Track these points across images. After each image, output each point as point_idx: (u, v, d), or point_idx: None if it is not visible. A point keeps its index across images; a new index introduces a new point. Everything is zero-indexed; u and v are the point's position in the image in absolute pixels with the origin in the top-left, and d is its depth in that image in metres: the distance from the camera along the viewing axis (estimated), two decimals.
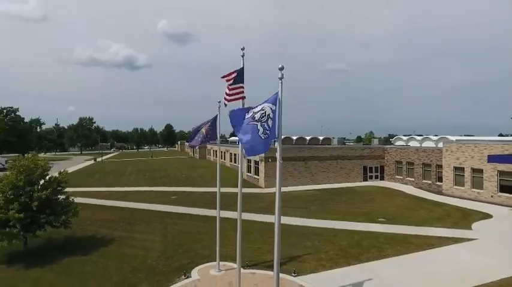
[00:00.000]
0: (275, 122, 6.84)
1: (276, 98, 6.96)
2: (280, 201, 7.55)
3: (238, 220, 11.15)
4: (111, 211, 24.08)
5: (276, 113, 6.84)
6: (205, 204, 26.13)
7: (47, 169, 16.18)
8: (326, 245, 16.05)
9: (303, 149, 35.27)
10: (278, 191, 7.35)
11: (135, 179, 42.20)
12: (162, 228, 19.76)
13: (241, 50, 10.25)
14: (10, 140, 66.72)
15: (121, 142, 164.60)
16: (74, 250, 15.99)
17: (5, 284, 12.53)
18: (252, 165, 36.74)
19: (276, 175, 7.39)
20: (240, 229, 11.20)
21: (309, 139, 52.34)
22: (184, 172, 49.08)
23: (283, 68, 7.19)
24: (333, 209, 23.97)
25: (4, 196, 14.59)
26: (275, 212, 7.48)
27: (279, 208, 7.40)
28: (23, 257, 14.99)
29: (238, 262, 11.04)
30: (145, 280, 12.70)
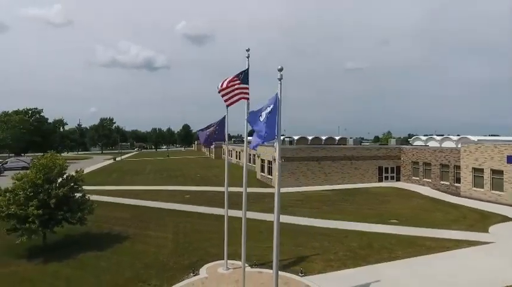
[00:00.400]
0: (273, 122, 6.93)
1: (275, 99, 7.06)
2: (279, 201, 7.65)
3: (243, 219, 11.29)
4: (127, 209, 24.77)
5: (273, 113, 6.93)
6: (217, 203, 26.42)
7: (64, 167, 16.83)
8: (335, 246, 15.96)
9: (316, 149, 35.09)
10: (277, 191, 7.45)
11: (152, 178, 43.12)
12: (175, 226, 20.17)
13: (247, 52, 10.39)
14: (35, 140, 69.57)
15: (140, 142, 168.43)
16: (89, 246, 16.57)
17: (25, 278, 13.13)
18: (266, 165, 36.84)
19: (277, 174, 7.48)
20: (244, 228, 11.34)
21: (325, 139, 52.00)
22: (199, 171, 49.75)
23: (282, 69, 7.29)
24: (345, 209, 23.76)
25: (24, 193, 15.28)
26: (274, 212, 7.57)
27: (278, 208, 7.49)
28: (42, 252, 15.66)
29: (243, 261, 11.19)
30: (156, 276, 13.04)
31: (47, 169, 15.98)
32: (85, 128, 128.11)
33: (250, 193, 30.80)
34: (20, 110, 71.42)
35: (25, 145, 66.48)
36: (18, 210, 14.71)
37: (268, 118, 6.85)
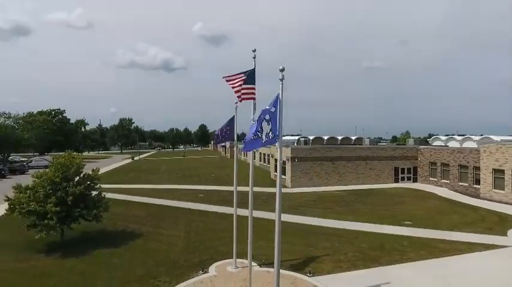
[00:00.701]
0: (274, 123, 7.00)
1: (276, 100, 7.13)
2: (281, 200, 7.70)
3: (249, 218, 11.39)
4: (142, 207, 25.36)
5: (275, 115, 7.00)
6: (230, 203, 26.50)
7: (81, 166, 17.46)
8: (346, 247, 15.84)
9: (330, 149, 34.79)
10: (278, 190, 7.51)
11: (167, 177, 43.88)
12: (187, 225, 20.51)
13: (253, 52, 10.49)
14: (58, 140, 72.23)
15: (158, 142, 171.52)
16: (104, 242, 17.10)
17: (44, 272, 13.70)
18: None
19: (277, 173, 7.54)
20: (250, 227, 11.43)
21: (341, 139, 51.39)
22: (213, 171, 50.26)
23: (284, 69, 7.35)
24: (358, 210, 23.49)
25: (44, 190, 15.95)
26: (275, 210, 7.64)
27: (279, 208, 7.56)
28: (60, 248, 16.28)
29: (249, 260, 11.30)
30: (166, 273, 13.34)
31: (64, 167, 16.62)
32: (105, 128, 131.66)
33: (263, 192, 30.91)
34: (44, 111, 74.44)
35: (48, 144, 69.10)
36: (38, 207, 15.37)
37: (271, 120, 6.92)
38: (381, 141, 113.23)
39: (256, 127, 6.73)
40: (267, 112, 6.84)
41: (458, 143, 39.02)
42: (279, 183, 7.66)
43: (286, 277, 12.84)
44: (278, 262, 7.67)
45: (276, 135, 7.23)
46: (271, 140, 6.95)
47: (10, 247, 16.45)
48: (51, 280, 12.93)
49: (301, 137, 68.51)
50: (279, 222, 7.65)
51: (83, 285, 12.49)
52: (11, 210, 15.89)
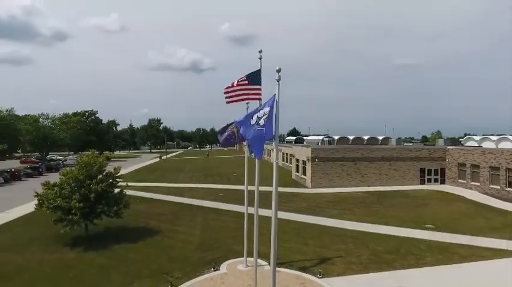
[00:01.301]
0: (270, 123, 7.07)
1: (273, 100, 7.20)
2: (277, 199, 7.76)
3: (255, 217, 11.48)
4: (163, 205, 26.17)
5: (271, 115, 7.07)
6: (248, 202, 26.89)
7: (103, 165, 18.33)
8: (360, 249, 15.55)
9: (352, 149, 34.08)
10: (275, 189, 7.58)
11: (191, 176, 44.88)
12: (204, 223, 20.96)
13: (259, 53, 10.59)
14: (91, 139, 75.88)
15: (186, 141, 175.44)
16: (125, 238, 17.85)
17: (66, 264, 14.56)
18: (300, 165, 36.59)
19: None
20: (256, 225, 11.52)
21: (367, 139, 50.20)
22: (235, 170, 50.79)
23: (280, 70, 7.40)
24: (378, 212, 22.91)
25: (70, 187, 16.94)
26: (272, 209, 7.71)
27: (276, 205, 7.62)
28: (84, 242, 17.20)
29: (255, 258, 11.41)
30: (179, 269, 13.73)
31: (88, 166, 17.54)
32: (136, 128, 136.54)
33: (282, 192, 30.88)
34: (78, 112, 78.49)
35: (82, 143, 72.82)
36: (63, 202, 16.34)
37: (266, 120, 7.00)
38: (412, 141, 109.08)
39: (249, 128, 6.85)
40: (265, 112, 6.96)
41: (493, 144, 36.88)
42: (275, 183, 7.73)
43: (296, 277, 12.84)
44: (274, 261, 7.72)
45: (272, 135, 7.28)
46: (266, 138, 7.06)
47: (40, 240, 17.58)
48: (72, 271, 13.72)
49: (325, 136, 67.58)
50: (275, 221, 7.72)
51: (100, 277, 13.14)
52: (40, 205, 17.02)
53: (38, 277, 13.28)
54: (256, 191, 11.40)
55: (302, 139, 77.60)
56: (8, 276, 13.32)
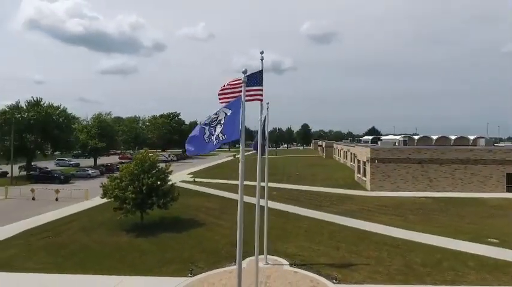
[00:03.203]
0: (232, 125, 7.29)
1: (236, 103, 7.43)
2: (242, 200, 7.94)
3: (256, 215, 11.67)
4: (216, 200, 27.82)
5: (233, 117, 7.30)
6: (297, 202, 26.80)
7: (155, 161, 20.53)
8: (393, 259, 14.36)
9: (418, 150, 30.85)
10: (240, 189, 7.79)
11: (253, 174, 46.19)
12: (246, 219, 21.52)
13: (260, 54, 10.76)
14: (174, 138, 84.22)
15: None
16: (172, 228, 19.69)
17: (118, 246, 16.83)
18: (361, 166, 34.67)
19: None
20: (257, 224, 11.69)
21: (454, 139, 44.83)
22: (300, 170, 50.48)
23: (246, 71, 7.57)
24: (436, 221, 20.53)
25: (126, 180, 19.49)
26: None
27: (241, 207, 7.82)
28: (138, 229, 19.54)
29: (256, 257, 11.61)
30: (205, 260, 14.71)
31: (142, 162, 19.89)
32: None
33: (336, 193, 29.89)
34: (164, 114, 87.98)
35: (167, 142, 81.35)
36: (120, 193, 18.91)
37: (227, 120, 7.24)
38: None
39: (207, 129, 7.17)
40: (224, 116, 7.21)
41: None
42: (241, 184, 7.92)
43: (310, 279, 12.62)
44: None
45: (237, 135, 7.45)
46: (221, 141, 7.27)
47: (107, 225, 20.57)
48: (119, 252, 15.85)
49: (403, 136, 62.12)
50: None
51: (139, 259, 14.91)
52: (104, 194, 19.98)
53: (92, 254, 15.72)
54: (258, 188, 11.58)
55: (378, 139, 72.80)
56: (73, 252, 16.09)
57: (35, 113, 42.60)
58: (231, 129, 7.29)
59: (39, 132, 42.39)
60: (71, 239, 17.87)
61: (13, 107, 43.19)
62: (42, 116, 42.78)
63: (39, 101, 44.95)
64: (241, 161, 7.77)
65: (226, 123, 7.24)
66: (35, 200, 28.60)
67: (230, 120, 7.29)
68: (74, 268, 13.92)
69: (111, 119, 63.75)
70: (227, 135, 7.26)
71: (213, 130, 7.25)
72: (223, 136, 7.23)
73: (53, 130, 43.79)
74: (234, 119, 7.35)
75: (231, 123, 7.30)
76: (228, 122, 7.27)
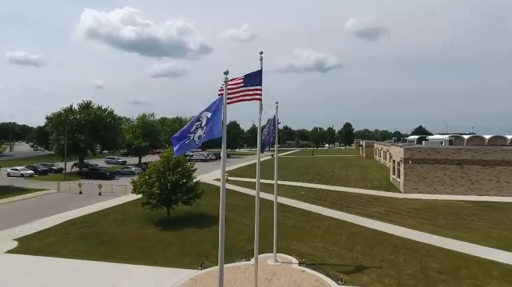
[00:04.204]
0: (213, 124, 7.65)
1: (215, 104, 7.77)
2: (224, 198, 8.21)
3: (255, 216, 11.87)
4: (243, 198, 28.38)
5: (214, 117, 7.65)
6: (324, 202, 26.45)
7: (180, 160, 21.59)
8: (409, 264, 13.75)
9: (457, 150, 28.66)
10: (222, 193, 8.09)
11: (288, 174, 46.08)
12: (267, 217, 21.80)
13: (260, 54, 10.99)
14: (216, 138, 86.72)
15: (305, 140, 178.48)
16: (195, 223, 20.58)
17: (143, 238, 18.02)
18: (396, 166, 33.09)
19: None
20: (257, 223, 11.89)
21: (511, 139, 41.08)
22: (335, 170, 49.37)
23: (228, 72, 7.88)
24: (468, 226, 19.12)
25: (153, 177, 20.76)
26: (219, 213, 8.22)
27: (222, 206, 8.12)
28: (164, 223, 20.69)
29: (256, 256, 11.82)
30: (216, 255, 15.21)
31: (167, 160, 21.05)
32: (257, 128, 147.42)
33: (366, 195, 28.94)
34: None
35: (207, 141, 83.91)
36: (147, 189, 20.22)
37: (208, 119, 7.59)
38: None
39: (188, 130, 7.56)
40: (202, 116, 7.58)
41: None
42: (223, 181, 8.23)
43: (315, 279, 12.59)
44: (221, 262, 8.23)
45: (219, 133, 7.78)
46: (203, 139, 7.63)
47: (137, 218, 22.04)
48: (143, 243, 17.00)
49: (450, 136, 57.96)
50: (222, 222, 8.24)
51: (159, 251, 15.89)
52: (134, 190, 21.46)
53: (119, 244, 17.03)
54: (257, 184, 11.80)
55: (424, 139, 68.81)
56: (103, 241, 17.53)
57: (85, 115, 46.62)
58: (211, 128, 7.66)
59: (89, 132, 46.31)
60: (103, 230, 19.47)
61: (67, 110, 47.65)
62: (91, 118, 46.69)
63: (89, 104, 49.09)
64: (222, 159, 8.10)
65: (207, 124, 7.62)
66: (81, 194, 31.40)
67: (210, 119, 7.66)
68: (101, 256, 15.23)
69: (154, 119, 67.50)
70: (207, 133, 7.64)
71: (195, 135, 7.63)
72: (203, 134, 7.62)
73: (101, 130, 47.58)
74: (214, 119, 7.71)
75: (211, 123, 7.66)
76: (208, 121, 7.64)
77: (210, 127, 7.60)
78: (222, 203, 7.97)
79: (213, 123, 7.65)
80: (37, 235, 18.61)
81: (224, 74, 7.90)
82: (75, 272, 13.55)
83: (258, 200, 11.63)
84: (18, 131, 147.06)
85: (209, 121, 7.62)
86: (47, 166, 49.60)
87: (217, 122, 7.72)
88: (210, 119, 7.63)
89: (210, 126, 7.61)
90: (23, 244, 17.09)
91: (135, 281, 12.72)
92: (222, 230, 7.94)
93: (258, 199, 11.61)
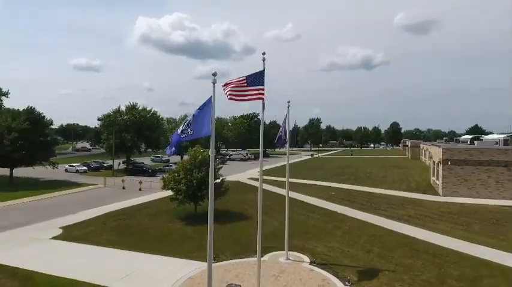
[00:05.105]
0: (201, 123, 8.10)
1: (206, 103, 8.22)
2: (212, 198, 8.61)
3: (258, 216, 12.10)
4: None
5: (202, 115, 8.11)
6: (352, 203, 25.82)
7: (206, 158, 22.48)
8: (426, 269, 13.12)
9: (505, 151, 26.14)
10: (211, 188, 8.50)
11: (323, 174, 45.37)
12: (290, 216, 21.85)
13: (262, 55, 11.22)
14: (254, 138, 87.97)
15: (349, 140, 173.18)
16: (220, 219, 21.11)
17: (169, 231, 19.13)
18: (435, 168, 31.08)
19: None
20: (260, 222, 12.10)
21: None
22: (373, 171, 47.51)
23: (216, 74, 8.28)
24: (505, 234, 17.61)
25: (182, 173, 21.88)
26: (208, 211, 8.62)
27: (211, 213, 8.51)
28: (190, 218, 21.69)
29: (258, 252, 12.06)
30: (232, 250, 15.77)
31: (193, 158, 22.08)
32: (298, 128, 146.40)
33: (400, 197, 27.65)
34: (244, 115, 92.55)
35: (246, 141, 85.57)
36: (174, 185, 21.40)
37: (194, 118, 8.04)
38: None
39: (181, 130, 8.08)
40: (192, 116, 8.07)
41: None
42: (212, 182, 8.62)
43: (322, 278, 12.57)
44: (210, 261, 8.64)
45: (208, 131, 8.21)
46: (190, 135, 8.09)
47: (168, 213, 23.33)
48: (167, 237, 18.05)
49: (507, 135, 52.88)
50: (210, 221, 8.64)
51: (179, 244, 16.82)
52: (164, 186, 22.81)
53: (147, 235, 18.27)
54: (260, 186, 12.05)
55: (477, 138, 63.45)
56: (133, 232, 18.90)
57: (131, 116, 50.09)
58: (199, 126, 8.13)
59: (134, 132, 49.67)
60: (136, 223, 20.99)
61: (115, 111, 51.57)
62: (136, 119, 50.04)
63: (134, 105, 52.64)
64: (211, 157, 8.52)
65: (193, 120, 8.10)
66: (124, 189, 33.93)
67: (198, 117, 8.13)
68: (129, 245, 16.51)
69: None
70: (195, 131, 8.12)
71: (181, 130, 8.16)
72: (191, 131, 8.10)
73: (145, 130, 50.78)
74: (202, 117, 8.17)
75: (199, 121, 8.13)
76: (195, 119, 8.12)
77: (198, 126, 8.07)
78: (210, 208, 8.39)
79: (202, 122, 8.11)
80: (79, 225, 20.62)
81: (212, 75, 8.33)
82: (103, 258, 14.92)
83: (261, 198, 11.86)
84: (79, 132, 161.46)
85: (195, 117, 8.09)
86: (98, 163, 54.16)
87: (205, 120, 8.17)
88: (197, 116, 8.10)
89: (198, 125, 8.07)
90: (66, 232, 19.07)
91: (152, 268, 13.71)
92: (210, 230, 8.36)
93: (261, 198, 11.84)
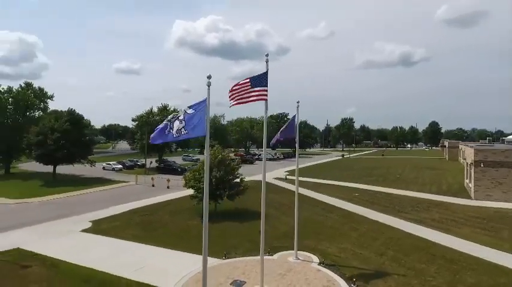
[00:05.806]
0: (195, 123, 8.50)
1: (201, 104, 8.61)
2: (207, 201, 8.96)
3: (261, 216, 12.26)
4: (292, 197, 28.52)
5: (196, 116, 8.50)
6: (375, 205, 25.19)
7: (225, 158, 23.05)
8: (440, 274, 12.65)
9: None
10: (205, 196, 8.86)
11: (350, 174, 44.39)
12: (307, 216, 21.91)
13: (266, 57, 11.44)
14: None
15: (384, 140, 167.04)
16: (239, 217, 21.72)
17: (187, 228, 19.85)
18: (468, 170, 29.34)
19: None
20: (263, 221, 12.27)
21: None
22: (403, 172, 45.67)
23: (211, 77, 8.64)
24: None
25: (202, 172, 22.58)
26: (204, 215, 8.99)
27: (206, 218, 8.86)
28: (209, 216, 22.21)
29: (262, 253, 12.24)
30: (245, 248, 16.11)
31: (213, 158, 22.71)
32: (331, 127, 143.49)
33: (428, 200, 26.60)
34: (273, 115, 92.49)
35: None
36: (194, 183, 22.18)
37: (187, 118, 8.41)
38: None
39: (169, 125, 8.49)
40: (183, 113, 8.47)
41: None
42: (206, 183, 8.96)
43: (328, 279, 12.56)
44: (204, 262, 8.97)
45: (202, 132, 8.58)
46: (183, 135, 8.48)
47: (189, 210, 24.14)
48: (185, 233, 18.85)
49: None
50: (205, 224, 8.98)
51: (195, 241, 17.42)
52: (185, 184, 23.69)
53: (167, 231, 19.19)
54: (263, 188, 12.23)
55: None
56: (154, 228, 19.90)
57: (162, 117, 52.20)
58: (193, 126, 8.54)
59: None
60: (159, 219, 22.02)
61: (148, 112, 54.06)
62: None
63: (166, 107, 54.82)
64: (206, 157, 8.90)
65: (186, 120, 8.51)
66: (153, 187, 35.52)
67: (191, 118, 8.54)
68: (149, 240, 17.43)
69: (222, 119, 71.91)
70: (189, 131, 8.54)
71: (172, 125, 8.59)
72: (185, 131, 8.53)
73: None
74: (197, 118, 8.57)
75: (193, 122, 8.55)
76: (189, 119, 8.53)
77: (190, 124, 8.48)
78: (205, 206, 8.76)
79: (194, 122, 8.51)
80: (107, 219, 22.02)
81: (207, 78, 8.70)
82: (123, 251, 15.91)
83: (264, 198, 12.06)
84: (119, 131, 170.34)
85: (189, 117, 8.49)
86: (133, 162, 56.99)
87: (200, 122, 8.57)
88: (189, 115, 8.51)
89: (190, 124, 8.48)
90: (95, 226, 20.47)
91: (166, 262, 14.45)
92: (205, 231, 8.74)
93: (264, 197, 12.04)
